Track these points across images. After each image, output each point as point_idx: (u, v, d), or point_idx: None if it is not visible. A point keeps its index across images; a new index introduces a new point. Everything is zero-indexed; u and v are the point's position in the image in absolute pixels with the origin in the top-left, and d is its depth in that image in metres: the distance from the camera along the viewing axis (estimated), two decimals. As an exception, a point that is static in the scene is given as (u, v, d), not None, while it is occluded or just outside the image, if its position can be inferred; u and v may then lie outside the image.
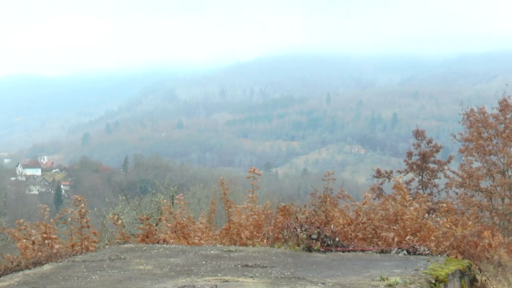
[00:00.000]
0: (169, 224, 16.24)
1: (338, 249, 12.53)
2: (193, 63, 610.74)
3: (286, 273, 10.06)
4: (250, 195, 17.38)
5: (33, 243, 14.99)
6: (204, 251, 12.56)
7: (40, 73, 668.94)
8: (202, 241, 15.56)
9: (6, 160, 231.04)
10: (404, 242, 13.34)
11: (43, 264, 11.61)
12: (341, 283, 9.22)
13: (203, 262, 11.18)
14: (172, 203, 21.18)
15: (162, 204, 19.07)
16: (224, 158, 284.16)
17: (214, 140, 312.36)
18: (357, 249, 12.61)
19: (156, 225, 16.64)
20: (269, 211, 16.90)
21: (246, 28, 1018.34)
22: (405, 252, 12.27)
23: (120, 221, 16.31)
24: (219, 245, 14.43)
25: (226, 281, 9.41)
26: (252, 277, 9.74)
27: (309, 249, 12.49)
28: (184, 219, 16.18)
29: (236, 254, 12.16)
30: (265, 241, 15.20)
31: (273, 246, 13.59)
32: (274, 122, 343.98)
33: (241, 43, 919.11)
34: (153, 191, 32.45)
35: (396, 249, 12.45)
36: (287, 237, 13.35)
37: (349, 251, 12.49)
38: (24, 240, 15.25)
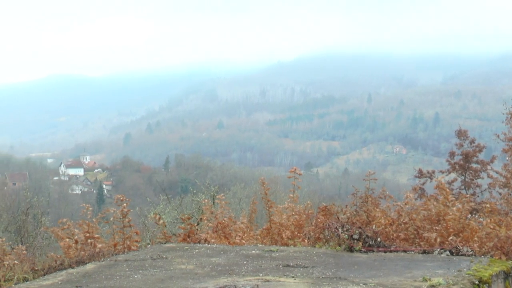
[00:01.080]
0: (210, 224, 16.28)
1: (380, 249, 12.44)
2: (234, 63, 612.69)
3: (327, 273, 10.03)
4: (291, 195, 17.35)
5: (76, 242, 15.14)
6: (245, 251, 12.56)
7: (82, 74, 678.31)
8: (243, 241, 15.56)
9: (49, 160, 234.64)
10: (447, 242, 13.20)
11: (86, 263, 11.73)
12: (383, 283, 9.16)
13: (244, 262, 11.18)
14: (213, 203, 21.24)
15: (203, 204, 19.09)
16: (265, 158, 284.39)
17: (254, 140, 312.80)
18: (399, 250, 12.51)
19: (197, 224, 16.67)
20: (310, 211, 16.88)
21: (287, 28, 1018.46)
22: (447, 252, 12.13)
23: (161, 221, 16.38)
24: (260, 245, 14.41)
25: (268, 281, 9.41)
26: (293, 277, 9.72)
27: (350, 249, 12.43)
28: (225, 219, 16.20)
29: (277, 254, 12.14)
30: (306, 241, 15.17)
31: (314, 246, 13.54)
32: (314, 122, 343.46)
33: (282, 43, 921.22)
34: (194, 191, 32.60)
35: (438, 249, 12.32)
36: (328, 237, 13.29)
37: (391, 251, 12.39)
38: (67, 239, 15.41)
